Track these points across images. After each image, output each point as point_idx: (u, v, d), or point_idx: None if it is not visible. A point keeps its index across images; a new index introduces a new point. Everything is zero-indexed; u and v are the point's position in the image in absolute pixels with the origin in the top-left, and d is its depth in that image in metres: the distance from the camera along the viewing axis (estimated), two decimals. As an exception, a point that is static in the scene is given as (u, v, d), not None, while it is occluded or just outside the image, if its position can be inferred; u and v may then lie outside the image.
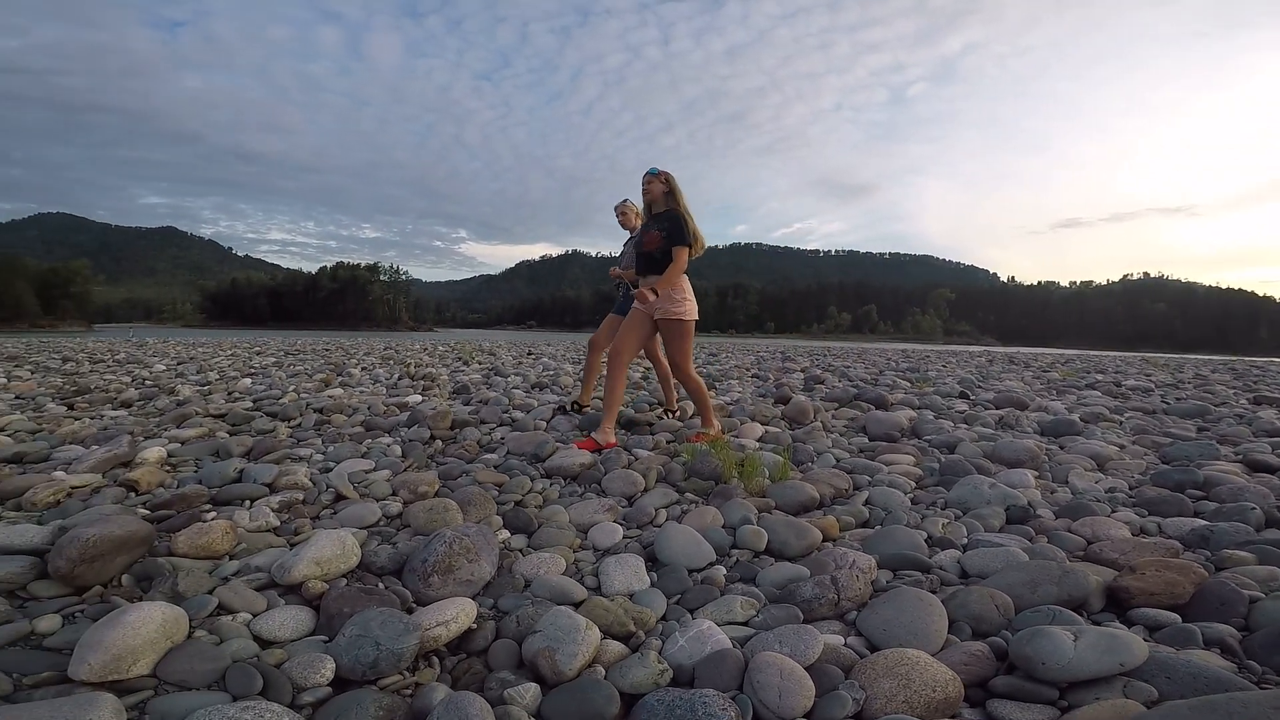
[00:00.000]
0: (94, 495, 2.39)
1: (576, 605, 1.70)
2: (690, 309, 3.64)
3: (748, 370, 9.23)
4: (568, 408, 4.43)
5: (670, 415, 4.49)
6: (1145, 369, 12.45)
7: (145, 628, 1.37)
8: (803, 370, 9.29)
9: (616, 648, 1.52)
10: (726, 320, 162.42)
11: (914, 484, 2.96)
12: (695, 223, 3.57)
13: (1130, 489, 2.90)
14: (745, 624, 1.64)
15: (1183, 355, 33.44)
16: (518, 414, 4.42)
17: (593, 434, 3.49)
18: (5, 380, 6.16)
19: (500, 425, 4.14)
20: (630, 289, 4.34)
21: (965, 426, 4.47)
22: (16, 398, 4.97)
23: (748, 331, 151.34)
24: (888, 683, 1.30)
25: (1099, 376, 9.44)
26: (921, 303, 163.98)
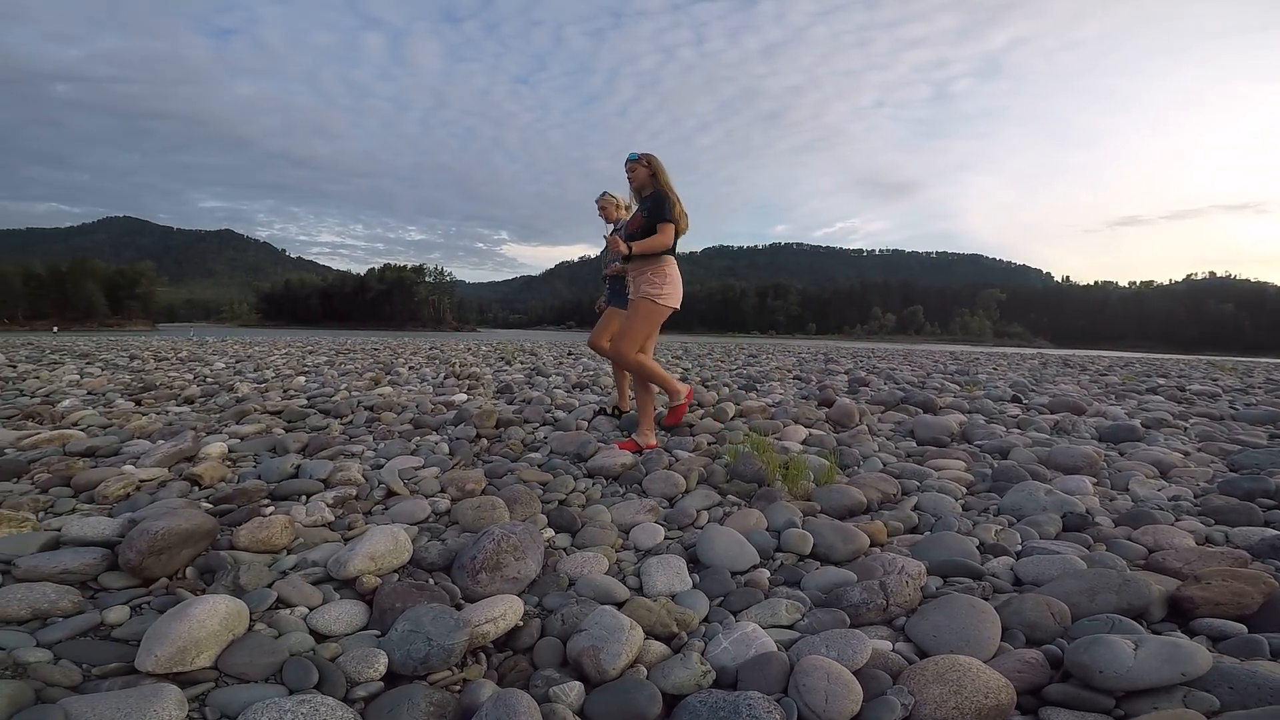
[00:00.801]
0: (161, 489, 2.50)
1: (619, 605, 1.72)
2: (669, 294, 3.42)
3: (789, 372, 9.13)
4: (609, 411, 4.42)
5: (616, 414, 4.34)
6: (1211, 373, 11.85)
7: (209, 621, 1.41)
8: (846, 372, 9.14)
9: (659, 648, 1.53)
10: (766, 321, 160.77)
11: (965, 490, 2.90)
12: (681, 204, 3.41)
13: (1195, 497, 2.78)
14: (790, 627, 1.64)
15: (1252, 358, 31.68)
16: (560, 414, 4.47)
17: (633, 435, 3.47)
18: (78, 377, 6.52)
19: (543, 425, 4.19)
20: (622, 282, 4.15)
21: (1018, 431, 4.34)
22: (88, 394, 5.25)
23: (788, 333, 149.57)
24: (938, 688, 1.29)
25: (1161, 381, 9.02)
26: (970, 303, 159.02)
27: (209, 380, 6.38)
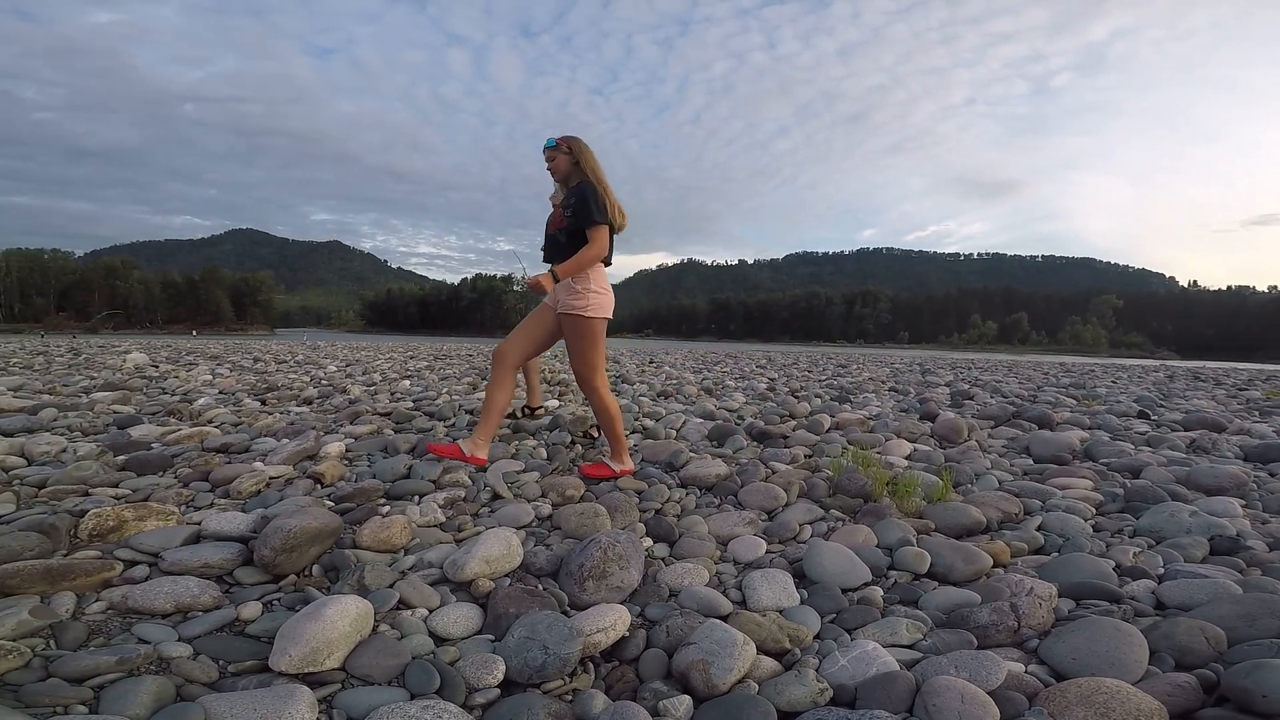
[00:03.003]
0: (287, 486, 2.67)
1: (723, 618, 1.69)
2: (595, 303, 2.87)
3: (883, 383, 8.78)
4: (519, 413, 4.23)
5: (527, 414, 4.16)
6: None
7: (341, 622, 1.45)
8: (947, 384, 8.69)
9: (769, 664, 1.51)
10: (854, 329, 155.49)
11: (1094, 510, 2.73)
12: (614, 195, 2.90)
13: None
14: (910, 647, 1.59)
15: None
16: (647, 422, 4.48)
17: (459, 441, 2.99)
18: (210, 377, 7.15)
19: (633, 432, 4.21)
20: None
21: (1149, 450, 4.02)
22: (220, 393, 5.73)
23: (878, 341, 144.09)
24: (1082, 710, 1.24)
25: (1317, 398, 8.02)
26: (1082, 310, 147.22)
27: (324, 382, 6.83)
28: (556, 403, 5.42)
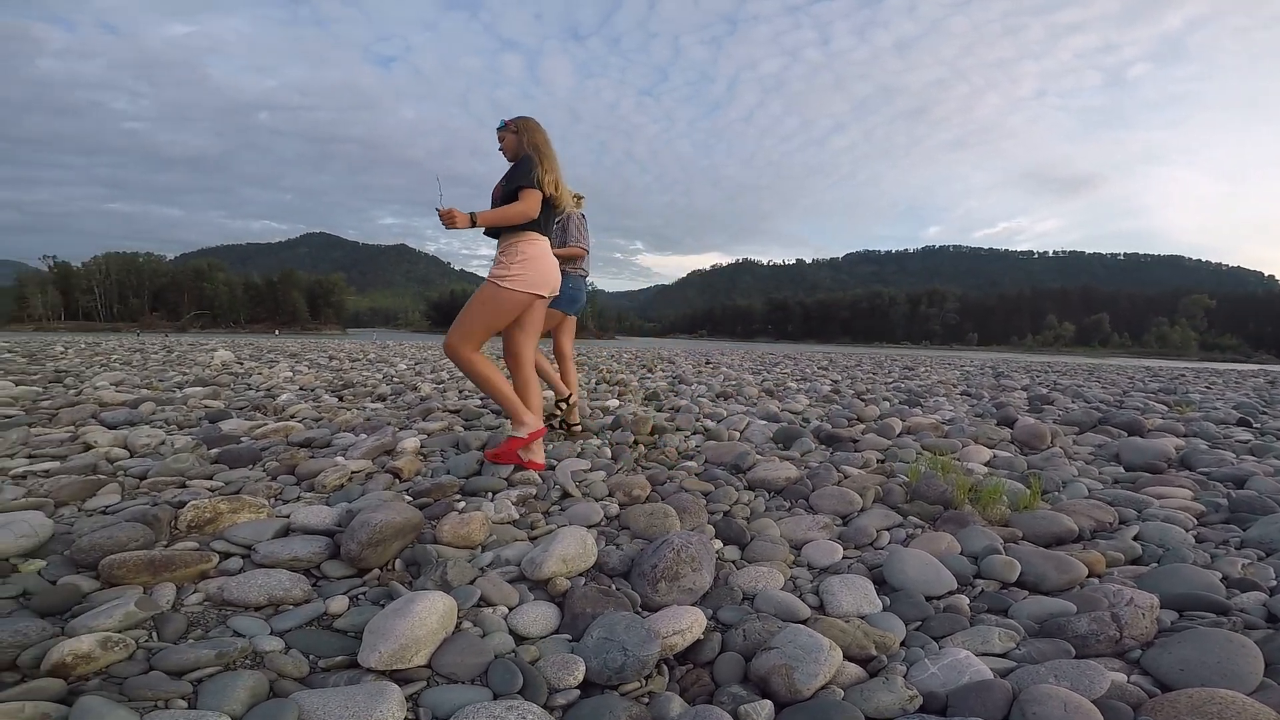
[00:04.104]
0: (368, 480, 2.75)
1: (800, 622, 1.66)
2: (519, 276, 2.79)
3: (954, 386, 8.44)
4: (558, 412, 4.01)
5: (562, 411, 3.93)
6: None
7: (429, 618, 1.46)
8: (1023, 388, 8.30)
9: (853, 670, 1.47)
10: (918, 330, 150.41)
11: (1195, 520, 2.59)
12: (557, 171, 2.87)
13: None
14: (1002, 655, 1.55)
15: None
16: (708, 423, 4.45)
17: (510, 431, 2.94)
18: (291, 374, 7.52)
19: (695, 433, 4.19)
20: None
21: (1253, 459, 3.77)
22: (300, 389, 6.02)
23: (944, 343, 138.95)
24: None
25: None
26: (1169, 311, 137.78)
27: (395, 380, 7.08)
28: (617, 402, 5.45)
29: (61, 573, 1.76)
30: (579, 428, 4.00)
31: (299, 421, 4.13)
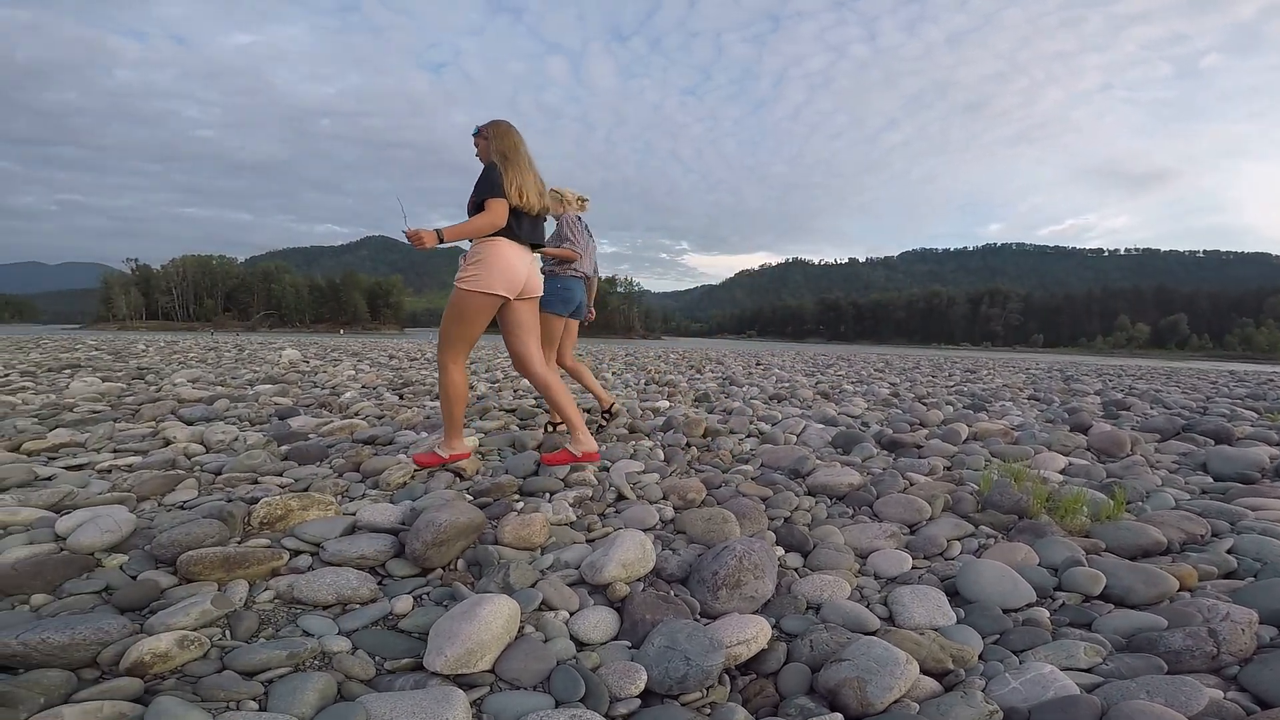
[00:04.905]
0: (430, 479, 2.79)
1: (869, 634, 1.61)
2: (474, 277, 2.79)
3: (1020, 390, 8.08)
4: (601, 420, 4.06)
5: (605, 419, 3.98)
6: None
7: (495, 622, 1.46)
8: (1096, 393, 7.87)
9: (928, 684, 1.42)
10: (979, 331, 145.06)
11: None
12: (526, 173, 2.83)
13: None
14: (1088, 671, 1.49)
15: None
16: (762, 426, 4.37)
17: (435, 448, 3.00)
18: (353, 372, 7.76)
19: (749, 436, 4.12)
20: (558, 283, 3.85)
21: None
22: (363, 387, 6.20)
23: (1007, 344, 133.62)
24: None
25: None
26: (1255, 311, 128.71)
27: (450, 379, 7.22)
28: (667, 403, 5.41)
29: (142, 568, 1.82)
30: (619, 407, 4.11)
31: (363, 419, 4.24)
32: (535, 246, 3.00)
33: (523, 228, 2.88)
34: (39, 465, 2.82)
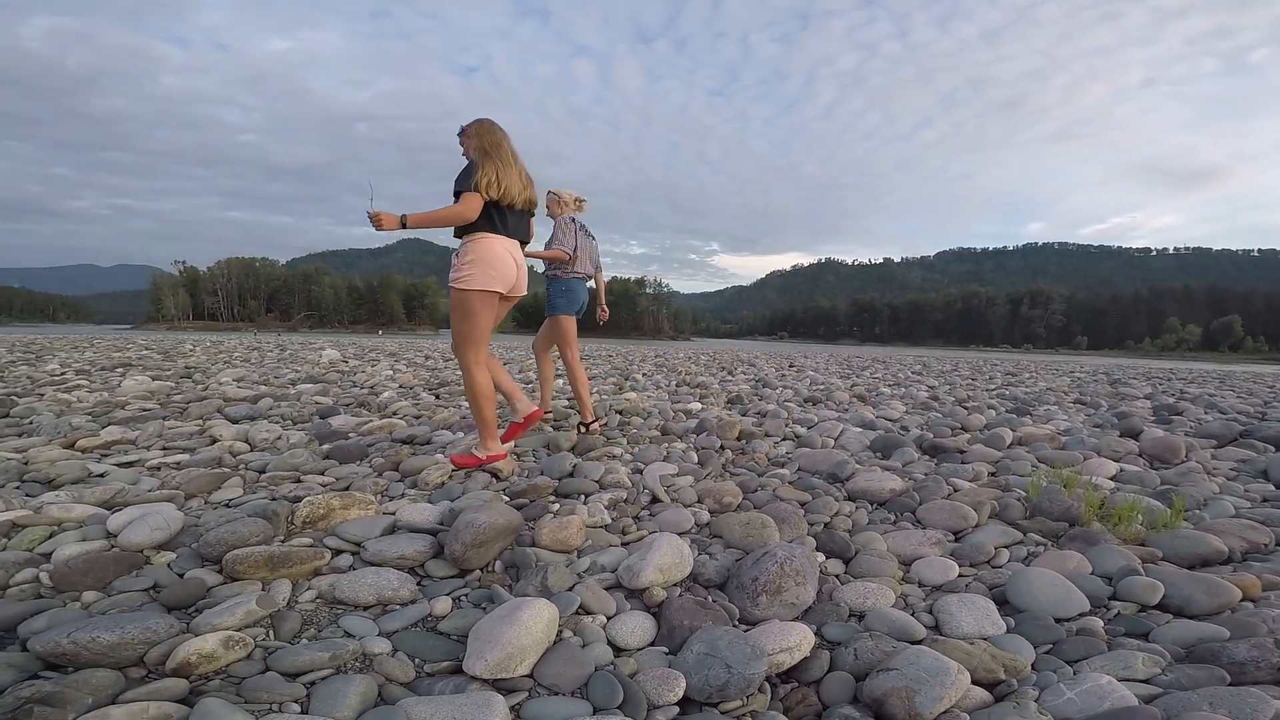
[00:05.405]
0: (468, 479, 2.81)
1: (915, 642, 1.58)
2: (469, 275, 2.79)
3: (1065, 394, 7.83)
4: (581, 427, 4.01)
5: (583, 430, 3.93)
6: None
7: (535, 627, 1.45)
8: (1146, 396, 7.59)
9: (978, 694, 1.39)
10: (1019, 333, 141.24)
11: None
12: (508, 169, 2.81)
13: None
14: (1146, 681, 1.45)
15: None
16: (798, 429, 4.31)
17: (472, 449, 2.99)
18: (391, 372, 7.89)
19: (784, 439, 4.06)
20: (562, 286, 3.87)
21: None
22: (400, 387, 6.29)
23: (1049, 346, 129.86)
24: None
25: None
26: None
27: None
28: (699, 405, 5.37)
29: (188, 566, 1.85)
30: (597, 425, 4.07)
31: (401, 419, 4.30)
32: (521, 243, 3.02)
33: (508, 224, 2.89)
34: (92, 462, 2.91)
